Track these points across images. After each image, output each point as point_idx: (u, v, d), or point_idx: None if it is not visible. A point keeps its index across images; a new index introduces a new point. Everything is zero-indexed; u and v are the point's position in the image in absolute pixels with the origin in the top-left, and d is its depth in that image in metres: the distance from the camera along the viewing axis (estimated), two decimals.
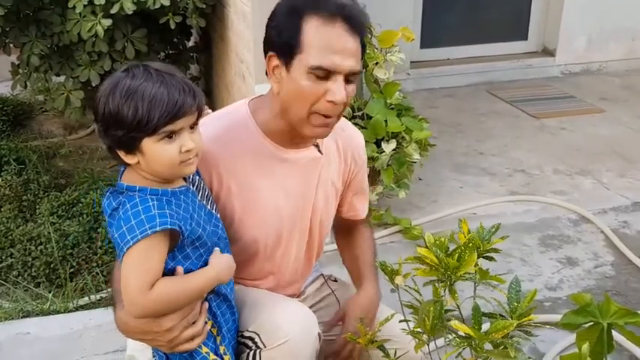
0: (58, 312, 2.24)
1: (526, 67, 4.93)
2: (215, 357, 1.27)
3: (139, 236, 1.13)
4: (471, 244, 1.18)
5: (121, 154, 1.17)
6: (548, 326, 2.06)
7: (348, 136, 1.54)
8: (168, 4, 2.54)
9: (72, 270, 2.49)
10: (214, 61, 3.47)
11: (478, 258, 1.21)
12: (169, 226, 1.15)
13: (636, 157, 3.48)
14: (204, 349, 1.26)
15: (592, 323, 1.38)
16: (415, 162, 2.70)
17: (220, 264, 1.25)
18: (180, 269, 1.21)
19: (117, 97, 1.12)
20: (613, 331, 1.36)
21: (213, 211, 1.32)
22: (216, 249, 1.27)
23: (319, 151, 1.44)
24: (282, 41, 1.29)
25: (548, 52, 5.01)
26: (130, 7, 2.53)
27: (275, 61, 1.31)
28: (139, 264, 1.15)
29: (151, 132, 1.13)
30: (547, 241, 2.66)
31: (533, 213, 2.88)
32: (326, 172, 1.48)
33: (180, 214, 1.19)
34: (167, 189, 1.20)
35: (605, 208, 2.92)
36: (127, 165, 1.21)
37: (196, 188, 1.29)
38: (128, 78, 1.13)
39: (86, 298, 2.33)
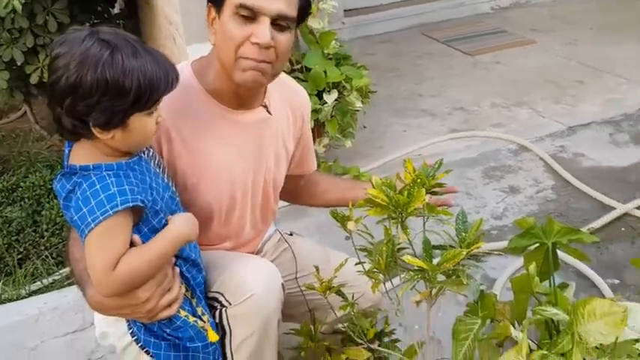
0: (11, 300, 2.19)
1: (458, 5, 4.98)
2: (194, 318, 1.28)
3: (101, 217, 1.11)
4: (418, 180, 1.21)
5: (96, 130, 1.13)
6: (496, 253, 2.15)
7: (294, 94, 1.53)
8: None
9: (20, 256, 2.42)
10: (142, 27, 3.35)
11: (426, 194, 1.24)
12: (131, 204, 1.14)
13: (567, 84, 3.61)
14: (183, 313, 1.26)
15: (537, 245, 1.46)
16: (358, 110, 2.72)
17: (179, 222, 1.23)
18: (137, 239, 1.19)
19: (113, 71, 1.09)
20: (557, 250, 1.44)
21: (166, 178, 1.31)
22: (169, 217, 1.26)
23: (268, 111, 1.43)
24: None
25: None
26: None
27: (212, 13, 1.30)
28: (102, 245, 1.13)
29: (148, 106, 1.13)
30: (490, 173, 2.76)
31: (475, 148, 2.96)
32: (276, 132, 1.47)
33: (140, 186, 1.17)
34: (121, 162, 1.18)
35: (542, 135, 3.04)
36: (73, 142, 1.18)
37: (148, 157, 1.27)
38: (118, 53, 1.10)
39: (38, 283, 2.28)
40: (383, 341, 1.51)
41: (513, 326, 1.41)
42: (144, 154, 1.25)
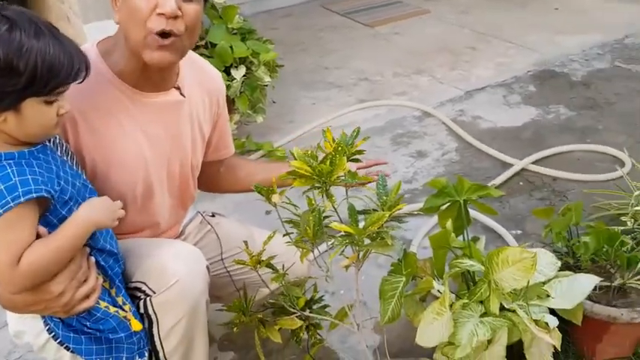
0: None
1: None
2: (115, 309, 1.24)
3: (1, 210, 1.05)
4: (340, 149, 1.24)
5: None
6: (411, 214, 2.25)
7: (209, 77, 1.50)
8: None
9: None
10: (29, 3, 3.13)
11: (347, 161, 1.28)
12: (35, 195, 1.07)
13: (461, 50, 3.79)
14: (103, 304, 1.22)
15: (450, 203, 1.55)
16: (267, 85, 2.71)
17: (87, 207, 1.17)
18: (43, 231, 1.13)
19: (7, 48, 1.01)
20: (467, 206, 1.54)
21: (75, 166, 1.25)
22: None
23: (181, 94, 1.39)
24: None
25: None
26: None
27: None
28: (4, 239, 1.07)
29: (45, 92, 1.06)
30: (397, 140, 2.86)
31: (382, 116, 3.06)
32: (191, 115, 1.43)
33: (45, 175, 1.10)
34: (24, 150, 1.11)
35: (443, 100, 3.18)
36: None
37: (53, 144, 1.21)
38: (17, 30, 1.02)
39: None
40: (313, 308, 1.56)
41: (434, 280, 1.50)
42: (49, 142, 1.18)
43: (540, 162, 2.61)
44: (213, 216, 1.69)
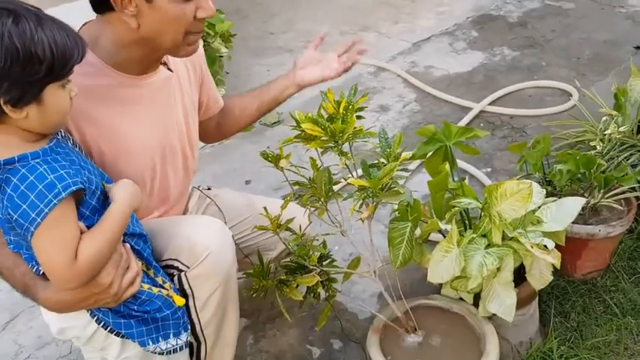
0: None
1: None
2: (157, 288, 1.27)
3: (46, 209, 1.04)
4: (350, 107, 1.29)
5: (8, 108, 1.03)
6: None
7: (199, 57, 1.51)
8: None
9: None
10: None
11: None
12: (74, 187, 1.07)
13: (400, 3, 3.87)
14: (145, 286, 1.24)
15: (436, 148, 1.64)
16: (223, 56, 2.70)
17: (122, 191, 1.19)
18: (81, 225, 1.13)
19: (22, 38, 1.00)
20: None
21: (86, 157, 1.25)
22: (107, 185, 1.22)
23: (169, 69, 1.40)
24: None
25: None
26: None
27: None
28: (57, 238, 1.07)
29: (63, 75, 1.06)
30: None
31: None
32: (180, 87, 1.44)
33: (72, 167, 1.10)
34: (45, 147, 1.10)
35: (393, 54, 3.26)
36: None
37: (63, 137, 1.20)
38: (23, 20, 1.01)
39: None
40: (323, 264, 1.62)
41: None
42: (58, 134, 1.18)
43: (496, 102, 2.75)
44: (209, 189, 1.71)
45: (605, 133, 1.81)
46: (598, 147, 1.78)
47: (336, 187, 1.51)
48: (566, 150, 1.90)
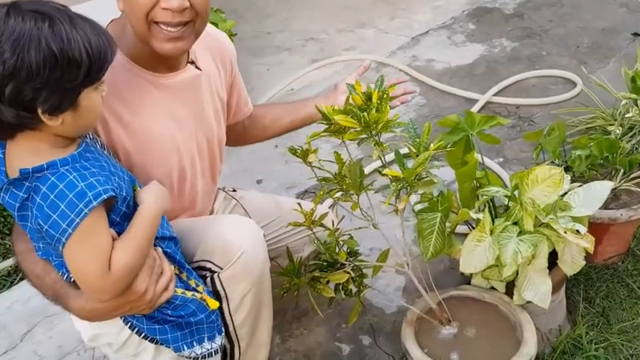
0: None
1: None
2: (191, 292, 1.23)
3: (77, 220, 1.01)
4: (385, 96, 1.27)
5: (45, 116, 0.99)
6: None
7: (218, 41, 1.46)
8: None
9: None
10: None
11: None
12: (105, 196, 1.03)
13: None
14: (179, 291, 1.21)
15: (459, 137, 1.63)
16: None
17: (150, 196, 1.15)
18: (113, 233, 1.09)
19: (59, 43, 0.96)
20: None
21: (114, 160, 1.21)
22: (137, 189, 1.18)
23: (197, 67, 1.36)
24: None
25: None
26: None
27: None
28: (88, 248, 1.03)
29: (99, 78, 1.02)
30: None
31: (340, 73, 3.08)
32: (209, 86, 1.40)
33: (102, 174, 1.07)
34: (74, 153, 1.06)
35: (393, 49, 3.25)
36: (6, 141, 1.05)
37: (91, 140, 1.16)
38: (58, 23, 0.97)
39: None
40: (352, 260, 1.60)
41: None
42: (87, 137, 1.14)
43: (501, 93, 2.75)
44: (234, 191, 1.68)
45: (625, 116, 1.81)
46: (617, 131, 1.78)
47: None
48: (582, 136, 1.90)
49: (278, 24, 3.67)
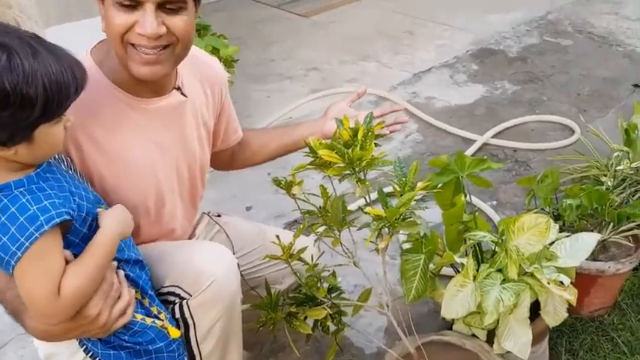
0: None
1: None
2: (151, 319, 1.20)
3: (27, 243, 0.98)
4: (369, 134, 1.26)
5: None
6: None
7: (208, 67, 1.44)
8: None
9: None
10: None
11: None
12: (58, 220, 1.01)
13: (400, 35, 3.89)
14: (139, 317, 1.18)
15: (449, 179, 1.61)
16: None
17: (109, 220, 1.12)
18: (68, 255, 1.07)
19: (14, 79, 0.92)
20: None
21: (82, 180, 1.19)
22: (99, 209, 1.14)
23: (183, 94, 1.33)
24: None
25: None
26: None
27: None
28: (37, 272, 1.00)
29: (57, 115, 0.99)
30: None
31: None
32: (194, 113, 1.38)
33: (60, 195, 1.04)
34: (31, 174, 1.04)
35: (394, 84, 3.27)
36: None
37: (56, 160, 1.14)
38: (16, 56, 0.93)
39: None
40: (332, 296, 1.57)
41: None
42: (51, 158, 1.11)
43: (499, 135, 2.74)
44: (219, 216, 1.65)
45: (617, 169, 1.79)
46: (609, 182, 1.76)
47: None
48: (575, 185, 1.88)
49: (282, 52, 3.70)
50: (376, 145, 1.38)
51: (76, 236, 1.08)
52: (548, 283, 1.42)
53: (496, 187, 2.41)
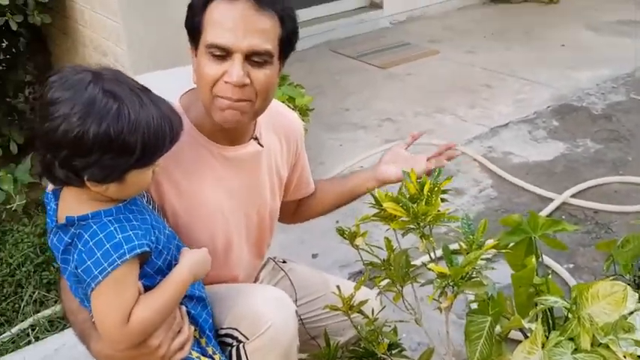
0: None
1: (359, 22, 5.16)
2: (206, 358, 1.22)
3: (109, 269, 1.04)
4: (436, 189, 1.24)
5: (89, 183, 1.05)
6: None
7: (286, 119, 1.49)
8: (7, 2, 2.23)
9: None
10: (55, 61, 3.15)
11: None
12: (139, 250, 1.07)
13: (477, 88, 3.85)
14: (195, 354, 1.20)
15: (521, 239, 1.55)
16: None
17: (188, 259, 1.17)
18: (140, 286, 1.12)
19: (119, 127, 1.01)
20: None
21: (159, 215, 1.25)
22: (185, 248, 1.21)
23: (259, 144, 1.39)
24: (189, 25, 1.25)
25: (375, 5, 5.29)
26: None
27: (192, 50, 1.26)
28: (113, 298, 1.06)
29: (151, 163, 1.08)
30: None
31: None
32: (269, 163, 1.43)
33: (142, 227, 1.10)
34: (119, 205, 1.11)
35: (469, 138, 3.22)
36: (60, 189, 1.11)
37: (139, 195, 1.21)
38: (125, 107, 1.02)
39: None
40: (393, 353, 1.53)
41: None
42: None
43: (579, 195, 2.62)
44: (284, 262, 1.66)
45: None
46: None
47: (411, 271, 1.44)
48: None
49: (358, 102, 3.75)
50: (443, 200, 1.36)
51: (152, 268, 1.13)
52: (625, 356, 1.32)
53: (574, 250, 2.30)
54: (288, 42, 1.27)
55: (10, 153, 2.83)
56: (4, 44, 2.97)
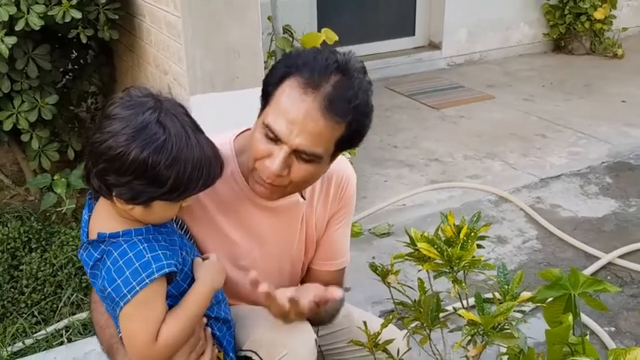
0: None
1: (416, 61, 5.18)
2: None
3: (137, 287, 1.07)
4: (472, 234, 1.22)
5: (116, 199, 1.08)
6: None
7: (344, 176, 1.48)
8: (80, 16, 2.36)
9: None
10: (119, 74, 3.28)
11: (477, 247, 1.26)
12: (167, 270, 1.09)
13: (531, 137, 3.79)
14: None
15: (559, 295, 1.50)
16: None
17: (205, 271, 1.19)
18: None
19: (158, 159, 1.04)
20: None
21: (188, 239, 1.27)
22: (196, 259, 1.22)
23: (302, 196, 1.39)
24: (264, 87, 1.25)
25: (434, 46, 5.30)
26: (36, 23, 2.31)
27: (261, 103, 1.27)
28: (142, 316, 1.09)
29: (177, 200, 1.11)
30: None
31: (456, 198, 3.03)
32: (310, 214, 1.43)
33: (170, 249, 1.13)
34: (149, 226, 1.14)
35: (518, 186, 3.15)
36: (94, 202, 1.15)
37: None
38: (170, 142, 1.05)
39: (19, 344, 2.12)
40: None
41: None
42: None
43: (627, 256, 2.52)
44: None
45: None
46: None
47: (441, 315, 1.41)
48: None
49: (407, 140, 3.74)
50: (480, 246, 1.34)
51: (176, 289, 1.15)
52: None
53: (617, 313, 2.20)
54: (347, 142, 1.26)
55: (67, 158, 2.95)
56: (73, 55, 3.12)
